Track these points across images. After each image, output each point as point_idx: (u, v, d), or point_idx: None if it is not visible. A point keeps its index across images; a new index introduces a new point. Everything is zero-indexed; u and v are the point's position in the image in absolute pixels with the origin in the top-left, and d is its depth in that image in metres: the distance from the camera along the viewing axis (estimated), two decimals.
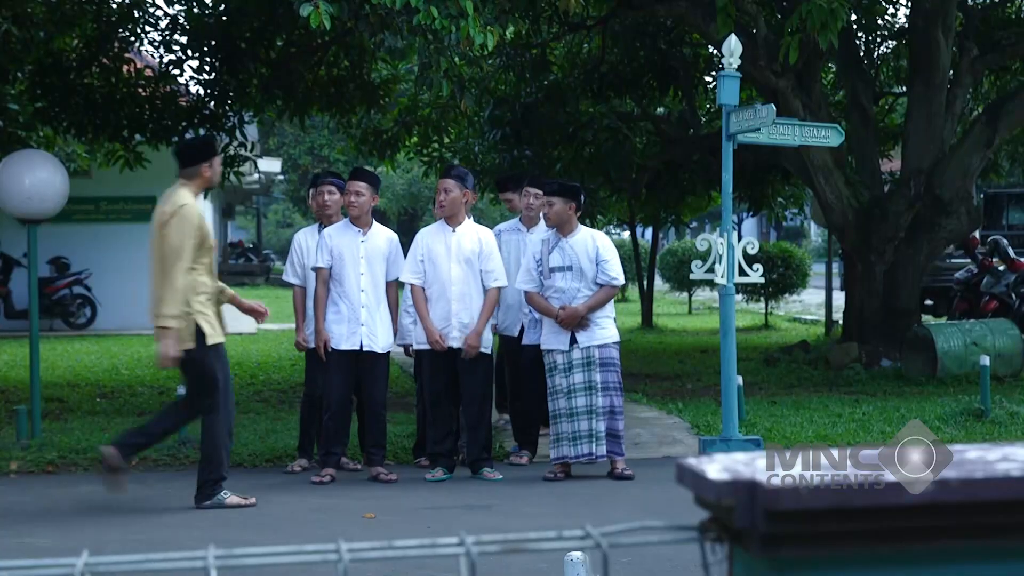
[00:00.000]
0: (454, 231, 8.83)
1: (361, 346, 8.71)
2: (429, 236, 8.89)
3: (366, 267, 8.77)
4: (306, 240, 9.27)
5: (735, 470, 1.57)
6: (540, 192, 9.18)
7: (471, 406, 8.72)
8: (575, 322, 8.53)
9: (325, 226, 9.15)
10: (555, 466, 8.62)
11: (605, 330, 8.64)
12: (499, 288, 8.88)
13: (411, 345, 9.22)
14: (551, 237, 8.74)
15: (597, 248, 8.66)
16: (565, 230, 8.71)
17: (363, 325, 8.71)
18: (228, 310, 8.19)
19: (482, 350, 8.80)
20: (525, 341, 9.32)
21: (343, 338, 8.69)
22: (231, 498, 7.79)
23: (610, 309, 8.78)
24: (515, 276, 9.08)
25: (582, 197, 8.94)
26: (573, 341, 8.57)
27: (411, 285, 8.80)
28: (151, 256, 7.71)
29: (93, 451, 9.58)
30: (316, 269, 8.84)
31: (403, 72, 16.61)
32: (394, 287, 8.98)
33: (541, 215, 9.16)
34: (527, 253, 9.03)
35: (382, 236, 8.92)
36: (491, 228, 9.49)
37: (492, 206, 28.05)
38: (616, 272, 8.68)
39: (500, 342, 9.75)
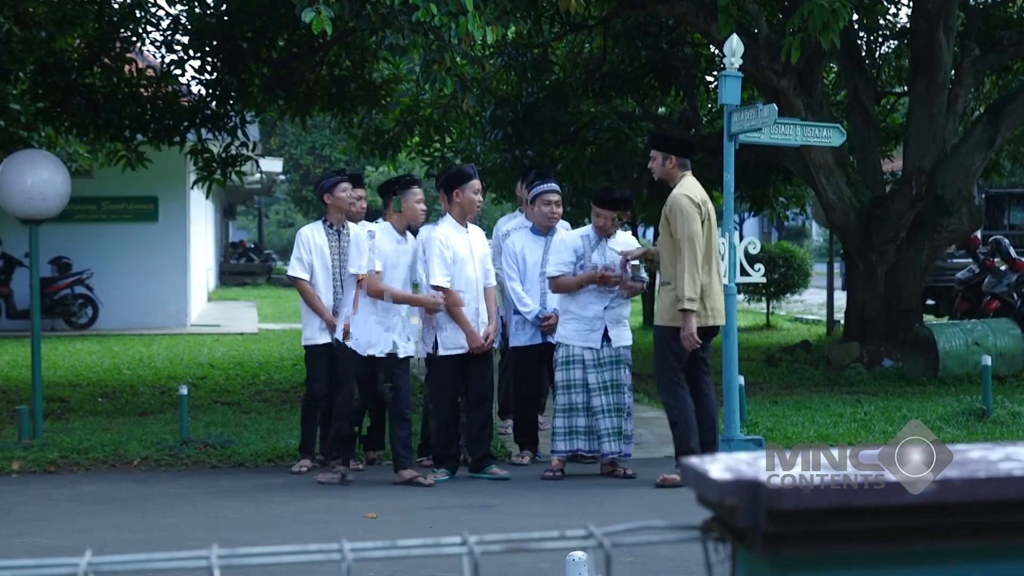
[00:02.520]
0: (467, 230, 8.83)
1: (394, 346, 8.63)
2: (451, 237, 8.64)
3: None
4: (312, 235, 9.16)
5: (737, 470, 1.57)
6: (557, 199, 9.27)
7: (479, 406, 8.71)
8: (649, 256, 8.55)
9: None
10: (554, 461, 8.63)
11: (628, 330, 8.75)
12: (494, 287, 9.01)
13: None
14: (591, 235, 8.75)
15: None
16: (609, 234, 8.78)
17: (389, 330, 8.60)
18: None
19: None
20: (515, 343, 9.34)
21: (383, 343, 8.55)
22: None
23: (629, 310, 8.88)
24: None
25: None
26: (604, 340, 8.58)
27: (442, 289, 8.53)
28: (666, 245, 8.12)
29: (95, 451, 9.61)
30: (373, 272, 8.46)
31: (404, 72, 16.62)
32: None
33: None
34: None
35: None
36: (486, 228, 9.55)
37: (494, 206, 28.05)
38: (645, 276, 8.86)
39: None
